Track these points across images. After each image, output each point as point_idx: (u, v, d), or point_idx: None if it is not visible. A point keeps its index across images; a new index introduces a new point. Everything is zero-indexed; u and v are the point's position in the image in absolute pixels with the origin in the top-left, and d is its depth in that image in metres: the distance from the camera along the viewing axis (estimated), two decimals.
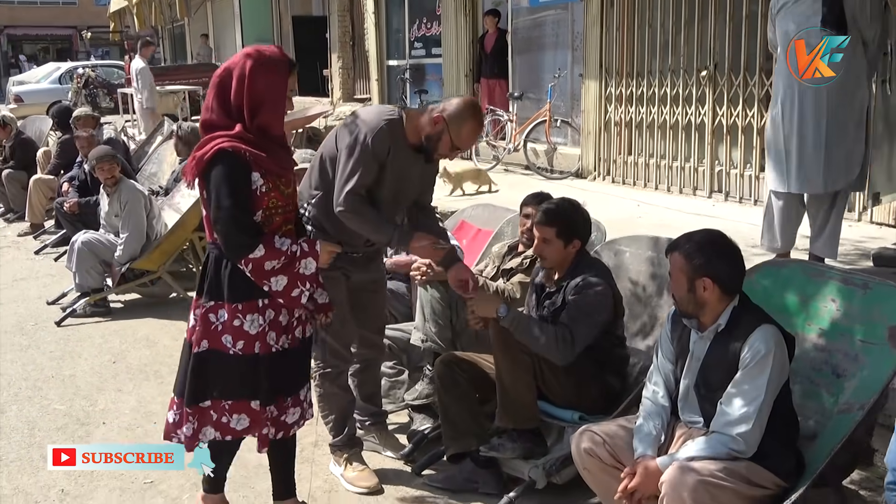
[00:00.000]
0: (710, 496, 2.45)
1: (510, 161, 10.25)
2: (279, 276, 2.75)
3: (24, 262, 7.76)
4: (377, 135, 3.17)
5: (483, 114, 3.38)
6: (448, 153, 3.35)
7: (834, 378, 2.91)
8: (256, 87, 2.73)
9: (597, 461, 2.82)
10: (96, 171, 6.04)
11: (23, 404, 4.42)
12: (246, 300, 2.77)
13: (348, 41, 15.51)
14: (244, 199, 2.72)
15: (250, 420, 2.85)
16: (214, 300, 2.80)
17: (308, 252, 2.81)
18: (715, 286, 2.70)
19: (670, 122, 8.27)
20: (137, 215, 5.97)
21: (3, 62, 38.65)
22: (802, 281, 3.13)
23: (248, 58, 2.76)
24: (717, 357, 2.72)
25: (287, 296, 2.79)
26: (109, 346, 5.32)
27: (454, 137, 3.25)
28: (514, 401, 3.34)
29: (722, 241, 2.79)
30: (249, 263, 2.71)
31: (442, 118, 3.23)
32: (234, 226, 2.70)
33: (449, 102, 3.31)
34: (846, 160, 4.55)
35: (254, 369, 2.80)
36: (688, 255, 2.72)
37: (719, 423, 2.64)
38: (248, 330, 2.78)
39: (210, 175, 2.72)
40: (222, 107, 2.77)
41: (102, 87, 19.17)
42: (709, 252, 2.72)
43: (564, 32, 10.08)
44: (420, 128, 3.28)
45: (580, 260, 3.50)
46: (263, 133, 2.77)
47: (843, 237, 5.84)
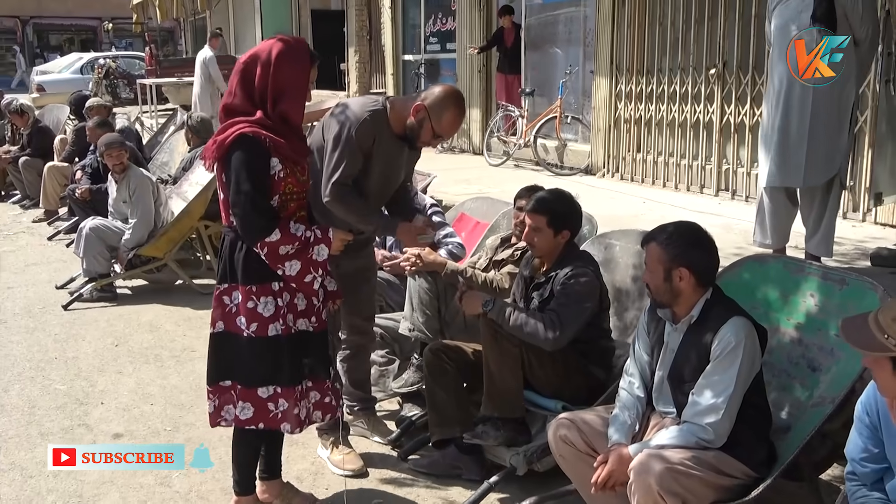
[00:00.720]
0: (677, 483, 2.49)
1: (520, 157, 10.29)
2: (293, 261, 2.81)
3: (37, 247, 7.90)
4: (361, 126, 3.23)
5: (464, 102, 3.43)
6: (430, 141, 3.39)
7: (809, 372, 2.94)
8: (281, 75, 2.79)
9: (572, 448, 2.86)
10: (104, 158, 6.13)
11: (25, 384, 4.53)
12: (260, 282, 2.83)
13: (365, 35, 15.59)
14: (263, 184, 2.78)
15: (254, 409, 2.88)
16: (229, 282, 2.87)
17: (321, 239, 2.87)
18: (691, 276, 2.73)
19: (679, 120, 8.28)
20: (145, 202, 6.07)
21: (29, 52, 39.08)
22: (783, 276, 3.16)
23: (276, 45, 2.83)
24: (689, 348, 2.76)
25: (300, 281, 2.85)
26: (113, 330, 5.42)
27: (435, 126, 3.30)
28: (500, 390, 3.39)
29: (698, 232, 2.82)
30: (265, 247, 2.77)
31: (423, 107, 3.28)
32: (252, 209, 2.75)
33: (430, 91, 3.36)
34: (826, 156, 4.56)
35: (273, 351, 2.85)
36: (665, 246, 2.76)
37: (690, 413, 2.68)
38: (261, 312, 2.83)
39: (230, 159, 2.77)
40: (245, 92, 2.83)
41: (123, 78, 19.40)
42: (685, 243, 2.76)
43: (576, 29, 10.10)
44: (403, 117, 3.33)
45: (569, 251, 3.54)
46: (283, 120, 2.84)
47: (845, 237, 5.87)
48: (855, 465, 2.23)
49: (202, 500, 3.31)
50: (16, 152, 9.90)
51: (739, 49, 7.55)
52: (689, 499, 2.50)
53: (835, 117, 4.53)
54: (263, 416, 2.89)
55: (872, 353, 1.99)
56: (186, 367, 4.75)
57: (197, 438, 3.79)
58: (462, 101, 3.40)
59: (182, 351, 5.01)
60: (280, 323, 2.85)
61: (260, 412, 2.88)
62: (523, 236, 3.62)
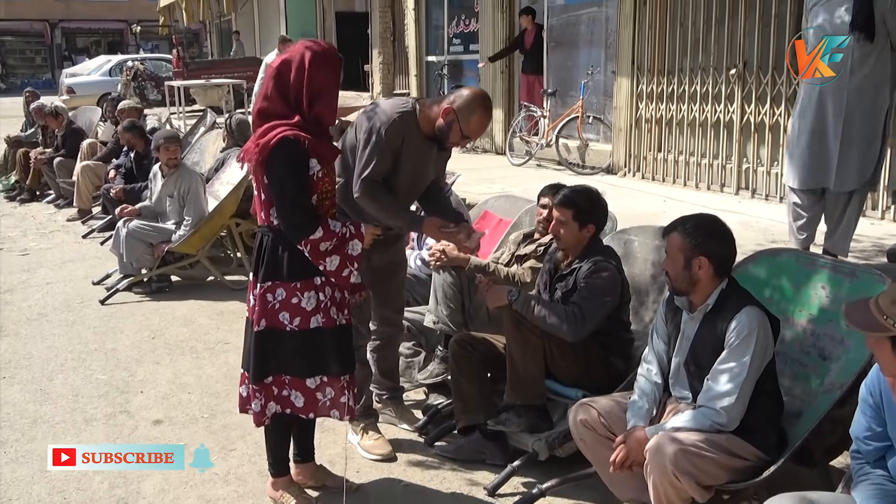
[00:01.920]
0: (691, 463, 2.63)
1: (543, 156, 10.41)
2: (333, 257, 2.96)
3: (72, 245, 8.14)
4: (390, 126, 3.36)
5: (491, 104, 3.56)
6: (459, 142, 3.51)
7: (820, 360, 3.06)
8: (316, 79, 2.92)
9: (591, 432, 3.01)
10: (160, 150, 6.31)
11: (68, 374, 4.74)
12: (303, 279, 2.98)
13: (389, 37, 15.77)
14: (305, 184, 2.93)
15: (305, 399, 3.05)
16: (272, 280, 2.99)
17: (356, 234, 3.01)
18: (709, 265, 2.87)
19: (700, 120, 8.38)
20: (199, 199, 6.30)
21: (57, 55, 39.71)
22: (795, 269, 3.28)
23: (308, 50, 2.95)
24: (705, 336, 2.89)
25: (339, 275, 2.99)
26: (149, 324, 5.63)
27: (464, 127, 3.40)
28: (522, 378, 3.53)
29: (718, 224, 2.97)
30: (308, 244, 2.91)
31: (452, 109, 3.39)
32: (298, 209, 2.91)
33: (459, 94, 3.46)
34: (860, 162, 4.62)
35: (315, 343, 3.00)
36: (687, 235, 2.90)
37: (705, 398, 2.81)
38: (304, 307, 2.98)
39: (273, 161, 2.89)
40: (280, 96, 2.95)
41: (150, 80, 19.68)
42: (706, 233, 2.90)
43: (598, 30, 10.21)
44: (432, 118, 3.45)
45: (593, 245, 3.68)
46: (317, 122, 2.97)
47: (864, 234, 5.95)
48: (859, 443, 2.35)
49: (239, 482, 3.49)
50: (50, 153, 10.17)
51: (759, 49, 7.64)
52: (701, 479, 2.64)
53: (868, 123, 4.58)
54: (313, 405, 3.06)
55: (873, 333, 2.12)
56: (220, 358, 4.94)
57: (233, 425, 3.98)
58: (489, 104, 3.52)
59: (216, 343, 5.20)
60: (321, 316, 3.00)
61: (310, 402, 3.06)
62: (550, 228, 3.77)
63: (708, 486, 2.69)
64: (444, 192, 3.86)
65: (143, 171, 7.51)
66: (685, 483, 2.62)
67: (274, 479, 3.28)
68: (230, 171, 6.67)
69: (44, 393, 4.46)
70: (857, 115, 4.55)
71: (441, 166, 3.77)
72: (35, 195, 10.63)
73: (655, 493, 2.70)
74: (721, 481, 2.72)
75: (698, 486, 2.65)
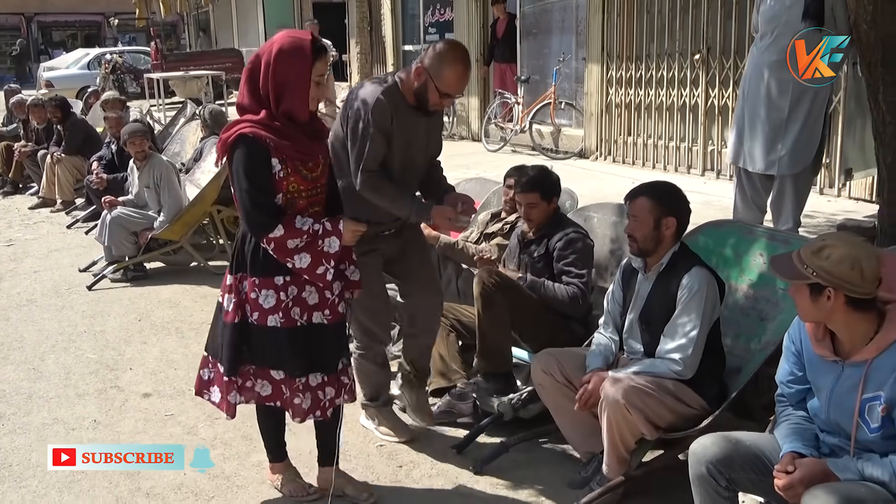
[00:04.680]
0: (641, 400, 2.92)
1: (518, 142, 10.67)
2: (302, 254, 2.85)
3: (57, 235, 8.31)
4: (375, 108, 3.19)
5: (466, 53, 3.28)
6: (440, 101, 3.29)
7: (758, 321, 3.34)
8: (279, 74, 2.80)
9: (550, 378, 3.28)
10: (128, 146, 6.52)
11: (59, 354, 4.95)
12: (263, 276, 2.91)
13: (366, 27, 15.95)
14: (263, 182, 2.82)
15: (272, 388, 3.00)
16: (240, 272, 2.97)
17: (331, 231, 2.89)
18: (676, 226, 3.15)
19: (667, 104, 8.67)
20: (172, 183, 6.50)
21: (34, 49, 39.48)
22: (737, 239, 3.56)
23: (276, 43, 2.84)
24: (657, 294, 3.16)
25: (312, 272, 2.88)
26: (135, 307, 5.84)
27: (438, 84, 3.19)
28: (490, 348, 3.81)
29: (678, 188, 3.26)
30: (271, 242, 2.82)
31: (423, 68, 3.20)
32: (252, 207, 2.82)
33: (428, 50, 3.27)
34: (804, 146, 4.85)
35: (270, 341, 2.93)
36: (657, 198, 3.17)
37: (662, 351, 3.09)
38: (262, 304, 2.91)
39: (231, 158, 2.85)
40: (252, 92, 2.87)
41: (129, 73, 19.77)
42: (672, 196, 3.21)
43: (569, 18, 10.47)
44: (413, 86, 3.26)
45: (557, 216, 3.99)
46: (289, 119, 2.85)
47: (819, 211, 6.26)
48: (783, 387, 2.62)
49: (225, 446, 3.73)
50: (32, 146, 10.30)
51: (722, 35, 7.93)
52: (649, 415, 2.94)
53: (812, 109, 4.78)
54: (279, 395, 3.02)
55: (794, 281, 2.39)
56: (205, 337, 5.10)
57: None
58: (461, 53, 3.26)
59: (200, 324, 5.41)
60: (280, 316, 2.92)
61: (276, 391, 3.02)
62: (523, 216, 4.02)
63: (657, 425, 2.98)
64: (441, 171, 3.69)
65: (124, 162, 7.67)
66: (635, 416, 2.92)
67: (271, 464, 3.34)
68: (210, 160, 6.87)
69: (37, 371, 4.68)
70: (802, 102, 4.80)
71: (436, 134, 3.59)
72: (18, 188, 10.77)
73: (609, 429, 2.99)
74: (668, 422, 2.99)
75: (647, 421, 2.94)
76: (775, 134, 4.90)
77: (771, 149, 4.92)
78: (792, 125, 4.85)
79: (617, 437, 3.01)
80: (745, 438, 2.57)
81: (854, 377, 2.34)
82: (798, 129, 4.85)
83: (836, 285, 2.27)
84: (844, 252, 2.28)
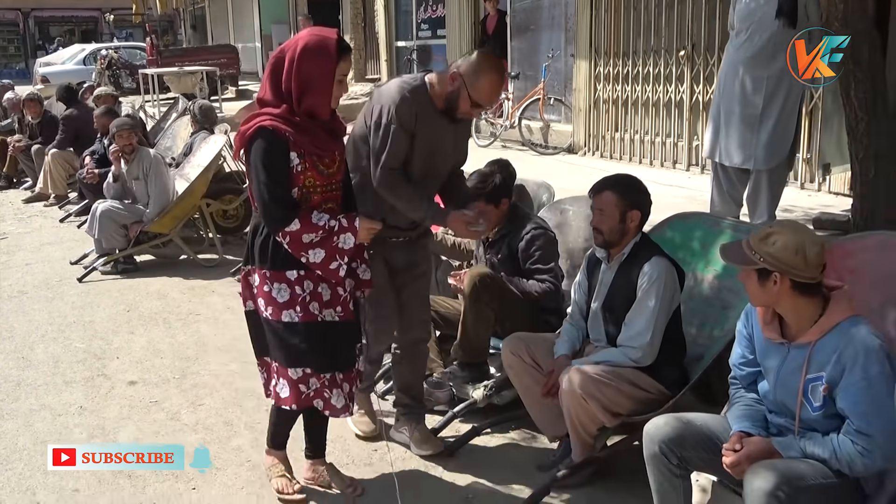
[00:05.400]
0: (598, 390, 3.05)
1: (507, 138, 10.77)
2: (317, 249, 2.86)
3: (50, 229, 8.42)
4: (400, 105, 3.14)
5: (503, 67, 3.26)
6: (469, 111, 3.24)
7: (722, 310, 3.44)
8: (303, 72, 2.80)
9: (518, 360, 3.41)
10: (115, 139, 6.62)
11: (48, 343, 5.06)
12: (274, 269, 2.91)
13: (360, 23, 16.08)
14: (281, 175, 2.83)
15: (290, 389, 2.96)
16: (251, 264, 2.99)
17: (346, 227, 2.89)
18: (640, 218, 3.26)
19: (653, 100, 8.77)
20: (160, 174, 6.60)
21: (30, 44, 39.51)
22: (703, 231, 3.66)
23: (301, 40, 2.84)
24: (619, 283, 3.27)
25: (325, 268, 2.88)
26: (124, 298, 5.95)
27: (472, 93, 3.16)
28: (471, 342, 3.92)
29: (642, 183, 3.36)
30: (287, 236, 2.83)
31: (458, 74, 3.16)
32: (270, 199, 2.82)
33: (466, 58, 3.25)
34: (777, 142, 4.98)
35: (288, 336, 2.92)
36: (622, 192, 3.27)
37: (623, 338, 3.20)
38: (275, 297, 2.91)
39: (250, 150, 2.85)
40: (274, 87, 2.87)
41: (125, 68, 19.84)
42: (636, 190, 3.31)
43: (558, 15, 10.57)
44: (444, 90, 3.21)
45: (515, 213, 4.08)
46: (310, 115, 2.86)
47: (798, 205, 6.37)
48: (735, 369, 2.73)
49: (206, 430, 3.84)
50: (27, 141, 10.40)
51: (706, 32, 8.02)
52: (606, 403, 3.05)
53: (785, 106, 4.93)
54: (296, 396, 2.97)
55: (742, 265, 2.50)
56: (192, 327, 5.28)
57: (202, 384, 4.35)
58: (498, 66, 3.25)
59: (188, 315, 5.53)
60: (297, 311, 2.91)
61: (294, 392, 2.97)
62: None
63: (615, 413, 3.09)
64: (464, 179, 3.65)
65: None
66: (592, 406, 3.04)
67: (269, 448, 3.34)
68: (200, 154, 6.99)
69: (26, 360, 4.79)
70: (776, 98, 4.92)
71: (462, 144, 3.50)
72: (12, 182, 10.87)
73: (569, 417, 3.12)
74: (627, 409, 3.10)
75: (605, 410, 3.06)
76: (750, 129, 5.02)
77: (746, 144, 5.04)
78: (766, 121, 4.97)
79: (578, 425, 3.14)
80: (696, 419, 2.68)
81: (799, 359, 2.45)
82: (772, 125, 4.98)
83: (781, 270, 2.38)
84: (789, 239, 2.39)
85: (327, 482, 3.31)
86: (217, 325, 5.29)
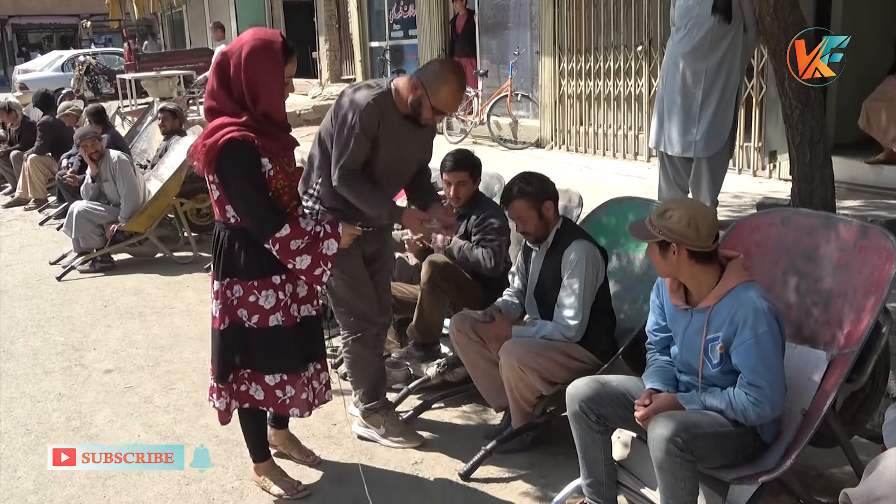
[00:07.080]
0: (534, 360, 3.32)
1: (478, 134, 11.01)
2: (303, 256, 2.89)
3: (30, 231, 8.65)
4: (364, 111, 3.24)
5: (463, 74, 3.38)
6: (432, 118, 3.37)
7: (650, 287, 3.70)
8: (253, 77, 2.80)
9: (465, 336, 3.67)
10: (80, 149, 6.88)
11: (28, 337, 5.30)
12: (261, 277, 2.95)
13: (334, 24, 16.27)
14: (262, 183, 2.86)
15: (265, 393, 3.07)
16: (230, 277, 2.96)
17: (331, 233, 2.95)
18: (553, 206, 3.52)
19: (614, 94, 9.04)
20: (129, 175, 6.84)
21: (8, 52, 39.47)
22: (636, 213, 3.91)
23: (245, 44, 2.82)
24: (547, 268, 3.55)
25: (310, 274, 2.94)
26: (102, 295, 6.19)
27: (433, 101, 3.28)
28: (427, 324, 4.17)
29: (539, 174, 3.61)
30: (277, 243, 2.85)
31: (420, 83, 3.28)
32: (263, 207, 2.84)
33: (427, 66, 3.43)
34: (715, 132, 5.25)
35: (274, 342, 2.99)
36: (529, 195, 3.50)
37: (556, 316, 3.47)
38: (262, 305, 2.96)
39: (224, 163, 2.81)
40: (225, 92, 2.86)
41: (103, 74, 19.90)
42: (538, 182, 3.55)
43: (524, 13, 10.82)
44: (407, 97, 3.34)
45: (478, 195, 4.34)
46: (268, 119, 2.88)
47: (748, 191, 6.66)
48: (650, 335, 3.01)
49: (177, 411, 4.10)
50: (6, 147, 10.60)
51: (662, 27, 8.30)
52: (543, 373, 3.33)
53: (723, 98, 5.19)
54: (272, 400, 3.07)
55: (645, 240, 2.78)
56: (166, 320, 5.53)
57: (175, 371, 4.62)
58: (458, 74, 3.36)
59: (163, 308, 5.78)
60: (281, 315, 2.98)
61: (269, 397, 3.07)
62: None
63: (553, 382, 3.36)
64: (429, 176, 3.79)
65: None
66: (530, 376, 3.31)
67: (255, 464, 3.35)
68: (173, 156, 7.24)
69: (6, 353, 5.03)
70: (714, 90, 5.20)
71: (427, 146, 3.64)
72: None
73: (509, 388, 3.40)
74: (563, 379, 3.37)
75: (543, 380, 3.34)
76: (690, 119, 5.30)
77: (686, 133, 5.33)
78: (705, 111, 5.26)
79: (517, 394, 3.42)
80: (613, 380, 2.96)
81: (699, 322, 2.73)
82: (711, 115, 5.26)
83: (677, 241, 2.66)
84: (683, 212, 2.67)
85: (288, 450, 3.54)
86: (191, 317, 5.54)
